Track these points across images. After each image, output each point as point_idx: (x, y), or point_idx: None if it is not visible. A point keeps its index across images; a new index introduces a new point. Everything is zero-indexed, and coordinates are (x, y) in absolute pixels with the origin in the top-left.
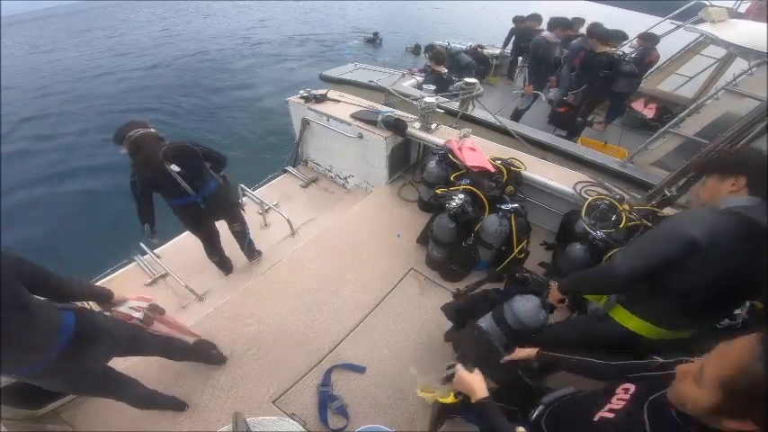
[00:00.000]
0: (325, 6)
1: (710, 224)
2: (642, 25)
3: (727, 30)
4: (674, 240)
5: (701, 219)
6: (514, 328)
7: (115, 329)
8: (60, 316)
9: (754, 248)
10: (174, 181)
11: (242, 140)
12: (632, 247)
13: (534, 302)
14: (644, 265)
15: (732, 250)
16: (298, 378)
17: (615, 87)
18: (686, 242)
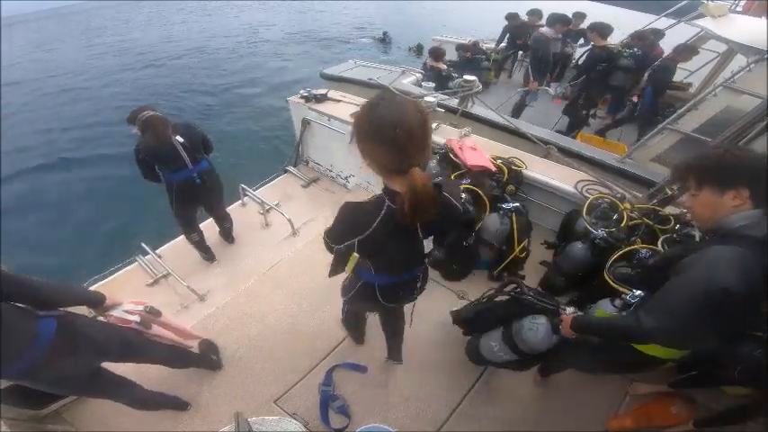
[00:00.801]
0: (327, 6)
1: (742, 268)
2: (639, 24)
3: (726, 25)
4: (710, 299)
5: (733, 264)
6: (525, 351)
7: (102, 336)
8: (38, 323)
9: None
10: (176, 151)
11: (242, 140)
12: (664, 304)
13: (545, 328)
14: (679, 327)
15: (760, 286)
16: (299, 378)
17: (612, 81)
18: (723, 296)
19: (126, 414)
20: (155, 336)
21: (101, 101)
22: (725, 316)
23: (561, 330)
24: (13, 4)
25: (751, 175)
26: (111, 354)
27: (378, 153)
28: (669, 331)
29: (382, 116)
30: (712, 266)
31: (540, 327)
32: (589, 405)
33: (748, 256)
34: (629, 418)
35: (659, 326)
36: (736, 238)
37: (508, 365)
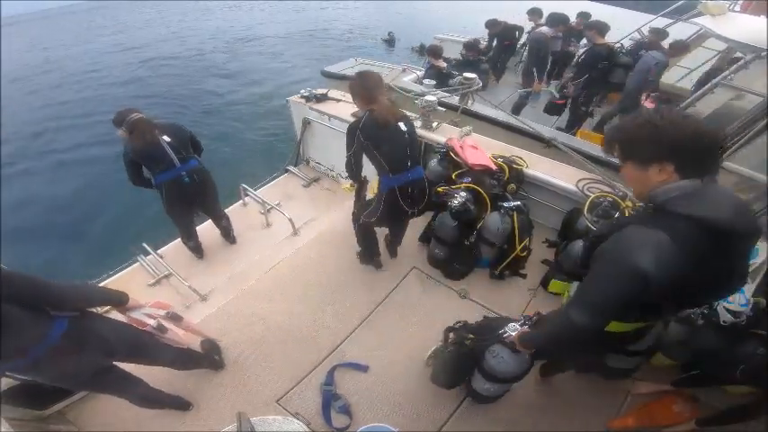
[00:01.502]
0: (327, 5)
1: (656, 248)
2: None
3: (725, 24)
4: (624, 281)
5: (645, 243)
6: (509, 378)
7: (113, 337)
8: (50, 324)
9: (711, 250)
10: (162, 151)
11: (243, 140)
12: (585, 296)
13: (507, 353)
14: (605, 317)
15: (684, 263)
16: (301, 377)
17: (613, 78)
18: (638, 278)
19: (128, 414)
20: (168, 339)
21: (99, 101)
22: (649, 296)
23: (518, 346)
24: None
25: (672, 148)
26: (120, 354)
27: (364, 93)
28: (598, 323)
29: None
30: (625, 250)
31: (502, 354)
32: (590, 405)
33: (664, 238)
34: (631, 417)
35: (588, 320)
36: (664, 215)
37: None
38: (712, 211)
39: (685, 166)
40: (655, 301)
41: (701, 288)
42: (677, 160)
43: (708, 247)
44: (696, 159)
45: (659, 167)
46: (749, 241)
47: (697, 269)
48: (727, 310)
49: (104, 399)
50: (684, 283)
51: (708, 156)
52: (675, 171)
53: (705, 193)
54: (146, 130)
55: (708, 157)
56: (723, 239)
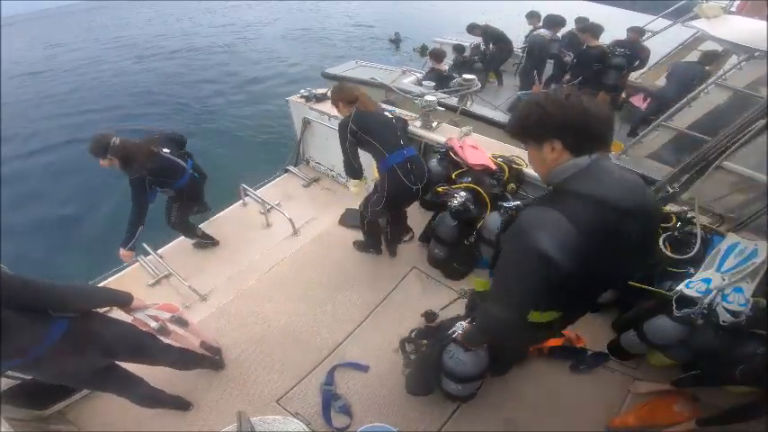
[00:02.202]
0: (328, 5)
1: (555, 231)
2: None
3: (721, 26)
4: (528, 266)
5: (544, 227)
6: (473, 377)
7: (114, 338)
8: (50, 325)
9: (611, 231)
10: (170, 162)
11: (243, 140)
12: (498, 286)
13: (461, 353)
14: (523, 306)
15: (583, 242)
16: (301, 377)
17: (606, 80)
18: (541, 261)
19: (129, 414)
20: (170, 341)
21: (96, 102)
22: (561, 280)
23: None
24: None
25: (558, 126)
26: (121, 354)
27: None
28: (518, 313)
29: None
30: (523, 234)
31: (458, 355)
32: (590, 404)
33: (559, 217)
34: (632, 417)
35: (506, 312)
36: (559, 194)
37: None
38: (599, 188)
39: (573, 143)
40: (571, 285)
41: (609, 268)
42: (564, 138)
43: (602, 225)
44: (582, 137)
45: (551, 146)
46: (648, 220)
47: (599, 248)
48: (727, 310)
49: (104, 399)
50: (592, 264)
51: (594, 133)
52: (565, 149)
53: (594, 170)
54: (144, 150)
55: (594, 134)
56: (614, 216)
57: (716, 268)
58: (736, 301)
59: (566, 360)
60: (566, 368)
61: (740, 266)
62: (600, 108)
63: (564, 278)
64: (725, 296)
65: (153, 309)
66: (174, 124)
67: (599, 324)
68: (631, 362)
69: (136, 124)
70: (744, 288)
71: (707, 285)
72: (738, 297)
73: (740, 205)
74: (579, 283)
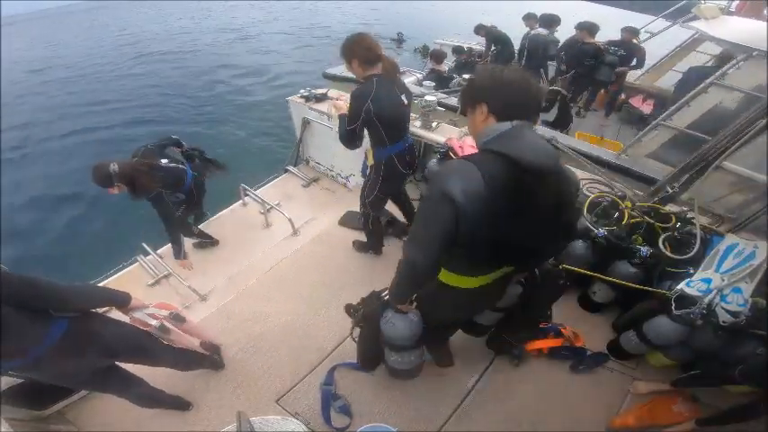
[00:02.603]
0: (328, 5)
1: (463, 177)
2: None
3: (719, 27)
4: (435, 206)
5: (454, 172)
6: (407, 344)
7: (114, 339)
8: (49, 325)
9: (520, 190)
10: (172, 170)
11: (242, 140)
12: (415, 231)
13: (392, 315)
14: (432, 249)
15: (492, 197)
16: (301, 377)
17: (599, 76)
18: (446, 202)
19: (128, 414)
20: (170, 340)
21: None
22: (465, 226)
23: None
24: (13, 4)
25: (486, 91)
26: (121, 355)
27: (367, 54)
28: (427, 255)
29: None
30: (438, 179)
31: (392, 320)
32: (590, 404)
33: (472, 168)
34: (632, 417)
35: (418, 253)
36: (483, 153)
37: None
38: (513, 149)
39: (497, 109)
40: (480, 241)
41: (521, 231)
42: (490, 102)
43: (512, 182)
44: (507, 103)
45: (480, 109)
46: (562, 188)
47: (508, 205)
48: (726, 311)
49: (104, 399)
50: (501, 221)
51: (516, 101)
52: (490, 113)
53: (514, 135)
54: (147, 168)
55: (516, 102)
56: (524, 176)
57: (715, 268)
58: (735, 302)
59: (565, 360)
60: (565, 368)
61: (739, 267)
62: (527, 81)
63: (471, 228)
64: (723, 296)
65: (151, 307)
66: (173, 123)
67: (599, 324)
68: (631, 362)
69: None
70: (743, 288)
71: (707, 285)
72: (737, 297)
73: (740, 206)
74: (491, 243)
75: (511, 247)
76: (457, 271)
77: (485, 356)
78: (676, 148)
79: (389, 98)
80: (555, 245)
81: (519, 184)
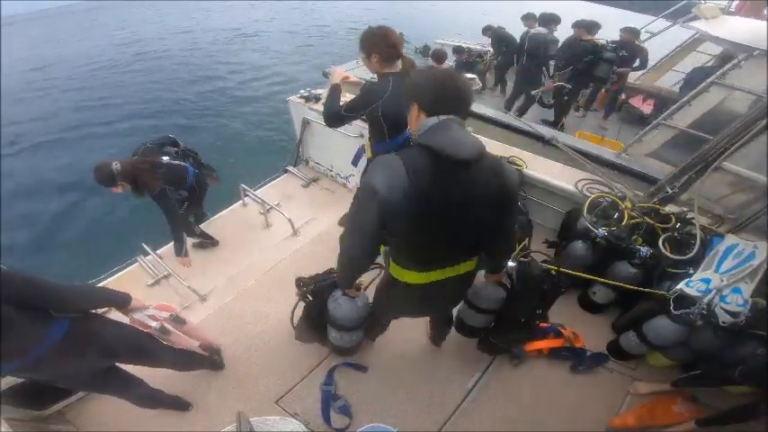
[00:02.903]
0: (328, 5)
1: (387, 171)
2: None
3: (719, 26)
4: (362, 198)
5: (380, 165)
6: (352, 325)
7: (115, 340)
8: (50, 325)
9: (444, 180)
10: (173, 167)
11: (242, 140)
12: (348, 222)
13: (345, 302)
14: (368, 239)
15: (413, 187)
16: (300, 378)
17: (597, 72)
18: (370, 192)
19: (128, 414)
20: (169, 341)
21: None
22: (391, 216)
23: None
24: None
25: (417, 88)
26: (121, 356)
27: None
28: (359, 245)
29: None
30: (367, 173)
31: (339, 301)
32: (590, 405)
33: (396, 160)
34: (632, 417)
35: (350, 242)
36: (414, 147)
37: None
38: (437, 141)
39: (427, 106)
40: (406, 229)
41: (451, 222)
42: (419, 99)
43: (436, 172)
44: (433, 100)
45: (413, 107)
46: (488, 179)
47: (432, 194)
48: (726, 311)
49: (104, 399)
50: (428, 210)
51: (442, 98)
52: (421, 110)
53: (439, 129)
54: (147, 165)
55: (442, 99)
56: (448, 165)
57: (714, 269)
58: (735, 302)
59: (565, 360)
60: (565, 369)
61: (738, 268)
62: (452, 79)
63: (395, 221)
64: (723, 297)
65: (151, 309)
66: (171, 123)
67: (598, 324)
68: (631, 362)
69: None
70: (742, 289)
71: (706, 285)
72: (736, 298)
73: (740, 206)
74: (421, 237)
75: (440, 242)
76: (404, 265)
77: (484, 357)
78: (677, 148)
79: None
80: (491, 243)
81: (443, 174)
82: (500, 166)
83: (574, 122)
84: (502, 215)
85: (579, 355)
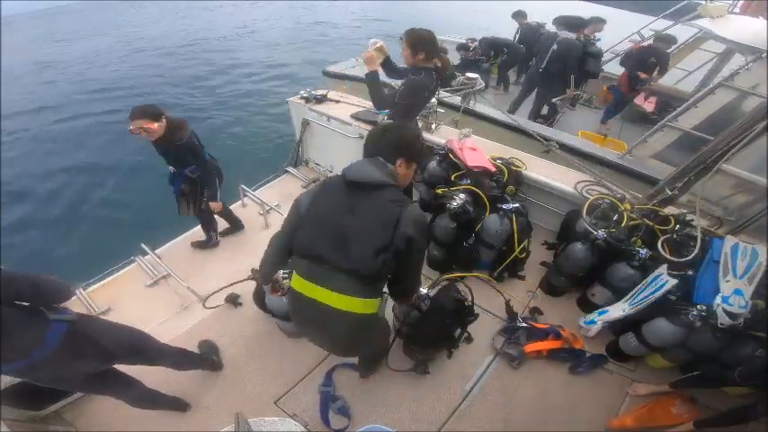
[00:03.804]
0: (328, 5)
1: (313, 187)
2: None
3: (725, 26)
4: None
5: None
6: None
7: (113, 344)
8: (48, 328)
9: (340, 195)
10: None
11: (242, 140)
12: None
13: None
14: (279, 241)
15: (318, 195)
16: (299, 378)
17: (586, 67)
18: (294, 205)
19: (126, 414)
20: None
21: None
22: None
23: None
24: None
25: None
26: (119, 357)
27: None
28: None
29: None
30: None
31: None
32: (589, 406)
33: (323, 182)
34: (630, 418)
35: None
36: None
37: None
38: (346, 169)
39: (363, 151)
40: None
41: (339, 232)
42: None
43: (337, 188)
44: (366, 148)
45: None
46: (371, 203)
47: (328, 204)
48: (727, 312)
49: (102, 399)
50: (320, 216)
51: (367, 146)
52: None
53: (356, 162)
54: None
55: (367, 146)
56: (344, 185)
57: (733, 274)
58: (737, 304)
59: (564, 362)
60: (564, 370)
61: (752, 268)
62: (371, 134)
63: (300, 221)
64: (725, 298)
65: None
66: None
67: None
68: (630, 363)
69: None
70: (743, 290)
71: (743, 298)
72: (738, 299)
73: (739, 208)
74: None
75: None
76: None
77: (484, 358)
78: (682, 150)
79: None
80: (362, 262)
81: (341, 191)
82: (397, 201)
83: (576, 121)
84: (384, 239)
85: (578, 357)
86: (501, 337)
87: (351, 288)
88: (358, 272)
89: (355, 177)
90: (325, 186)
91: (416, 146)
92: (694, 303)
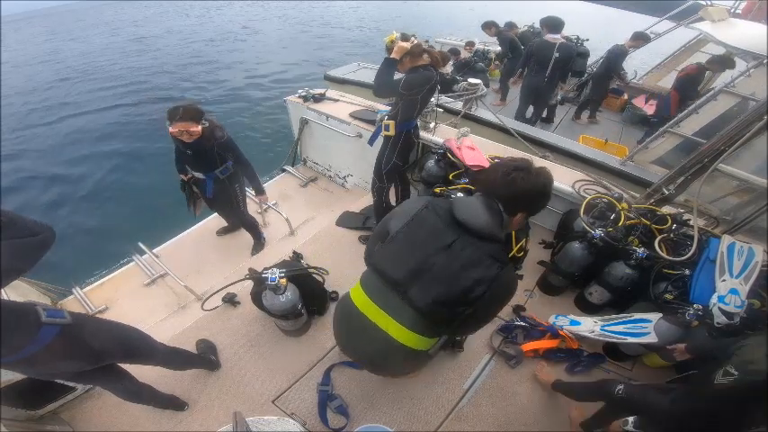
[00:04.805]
0: (328, 4)
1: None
2: (630, 24)
3: (726, 30)
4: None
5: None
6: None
7: (107, 345)
8: (39, 330)
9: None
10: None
11: (240, 140)
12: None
13: (271, 297)
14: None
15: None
16: (297, 377)
17: (574, 67)
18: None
19: (123, 414)
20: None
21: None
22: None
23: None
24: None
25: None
26: (112, 357)
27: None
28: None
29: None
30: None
31: (266, 294)
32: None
33: (425, 201)
34: None
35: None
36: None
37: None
38: (457, 203)
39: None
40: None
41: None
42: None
43: (440, 221)
44: (484, 183)
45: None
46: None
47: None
48: (723, 312)
49: (99, 399)
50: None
51: (487, 182)
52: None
53: (470, 202)
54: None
55: (487, 182)
56: (453, 221)
57: (729, 274)
58: (733, 303)
59: (562, 362)
60: (562, 370)
61: (748, 267)
62: (509, 169)
63: (387, 237)
64: (721, 297)
65: None
66: None
67: None
68: (627, 363)
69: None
70: (739, 290)
71: (739, 297)
72: (735, 299)
73: (735, 207)
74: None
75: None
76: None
77: (481, 357)
78: (684, 156)
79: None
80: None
81: (436, 218)
82: (504, 262)
83: (578, 127)
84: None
85: (576, 356)
86: (498, 336)
87: (414, 323)
88: (429, 313)
89: (464, 218)
90: (429, 207)
91: (546, 200)
92: (691, 303)
